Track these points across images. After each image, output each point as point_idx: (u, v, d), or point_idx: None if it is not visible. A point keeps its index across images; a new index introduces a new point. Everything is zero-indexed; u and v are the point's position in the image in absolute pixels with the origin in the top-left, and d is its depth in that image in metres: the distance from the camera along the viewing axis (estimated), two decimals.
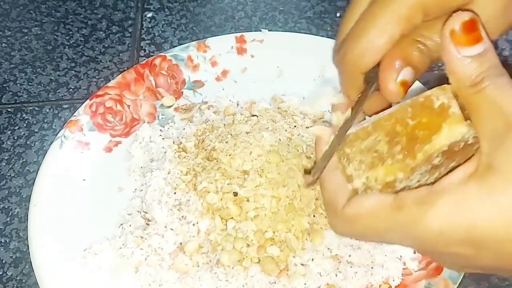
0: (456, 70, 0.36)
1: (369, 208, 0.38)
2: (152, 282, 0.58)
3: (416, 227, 0.36)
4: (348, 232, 0.41)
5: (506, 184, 0.33)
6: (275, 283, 0.56)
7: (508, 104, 0.34)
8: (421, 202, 0.36)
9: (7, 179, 0.70)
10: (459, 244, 0.35)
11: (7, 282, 0.62)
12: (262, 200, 0.59)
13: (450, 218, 0.35)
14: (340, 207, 0.40)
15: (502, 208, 0.33)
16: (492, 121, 0.34)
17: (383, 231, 0.38)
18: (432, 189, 0.36)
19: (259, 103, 0.70)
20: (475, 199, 0.34)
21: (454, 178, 0.36)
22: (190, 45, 0.75)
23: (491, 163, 0.34)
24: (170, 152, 0.65)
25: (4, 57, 0.82)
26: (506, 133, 0.34)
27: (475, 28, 0.35)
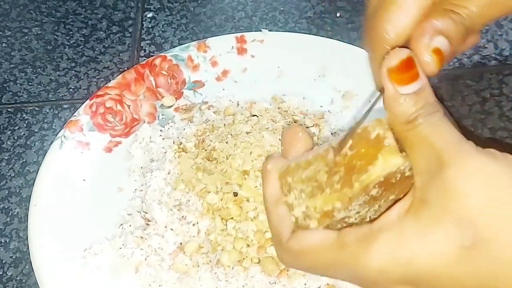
0: (392, 107, 0.36)
1: (312, 245, 0.38)
2: (152, 282, 0.58)
3: (357, 266, 0.36)
4: (293, 264, 0.42)
5: (436, 220, 0.34)
6: (275, 283, 0.56)
7: (440, 141, 0.34)
8: (361, 241, 0.36)
9: (7, 179, 0.70)
10: (398, 283, 0.36)
11: (7, 282, 0.62)
12: (262, 200, 0.59)
13: (388, 257, 0.35)
14: (284, 239, 0.40)
15: (433, 244, 0.34)
16: (424, 157, 0.35)
17: (327, 268, 0.39)
18: (372, 228, 0.36)
19: (259, 103, 0.70)
20: (410, 237, 0.35)
21: (391, 215, 0.36)
22: (190, 45, 0.75)
23: (424, 198, 0.35)
24: (170, 152, 0.65)
25: (4, 57, 0.82)
26: (437, 169, 0.34)
27: (412, 65, 0.36)
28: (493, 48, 0.77)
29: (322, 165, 0.39)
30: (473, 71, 0.75)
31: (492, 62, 0.76)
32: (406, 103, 0.36)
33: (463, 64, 0.76)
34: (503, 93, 0.73)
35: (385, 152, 0.37)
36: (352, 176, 0.37)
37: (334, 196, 0.38)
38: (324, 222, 0.39)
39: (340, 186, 0.38)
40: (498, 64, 0.76)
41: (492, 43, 0.78)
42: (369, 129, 0.37)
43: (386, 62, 0.36)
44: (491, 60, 0.76)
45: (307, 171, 0.40)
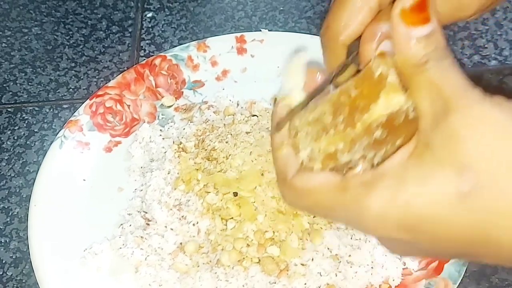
0: (403, 49, 0.36)
1: (317, 185, 0.39)
2: (152, 282, 0.58)
3: (358, 208, 0.36)
4: (295, 203, 0.42)
5: (438, 165, 0.34)
6: (275, 283, 0.56)
7: (448, 87, 0.34)
8: (364, 185, 0.36)
9: (7, 179, 0.70)
10: (396, 229, 0.36)
11: (7, 282, 0.62)
12: (262, 200, 0.59)
13: (388, 200, 0.35)
14: (289, 176, 0.40)
15: (432, 188, 0.34)
16: (431, 102, 0.35)
17: (328, 209, 0.39)
18: (375, 172, 0.36)
19: (259, 103, 0.70)
20: (410, 180, 0.35)
21: (395, 159, 0.36)
22: (190, 45, 0.75)
23: (427, 143, 0.35)
24: (170, 152, 0.65)
25: (4, 57, 0.82)
26: (442, 114, 0.34)
27: (425, 8, 0.35)
28: (493, 48, 0.77)
29: (328, 107, 0.39)
30: (473, 71, 0.75)
31: (492, 62, 0.76)
32: (417, 46, 0.35)
33: (463, 63, 0.76)
34: (503, 93, 0.73)
35: (387, 90, 0.36)
36: (355, 116, 0.37)
37: (337, 137, 0.38)
38: (328, 165, 0.39)
39: (344, 127, 0.38)
40: (498, 64, 0.76)
41: (492, 43, 0.78)
42: (372, 68, 0.37)
43: (398, 3, 0.35)
44: (491, 60, 0.76)
45: (313, 113, 0.40)
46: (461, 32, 0.79)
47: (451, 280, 0.56)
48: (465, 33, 0.79)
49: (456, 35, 0.79)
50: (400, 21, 0.35)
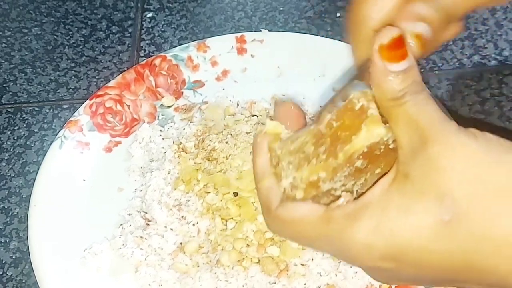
0: (380, 84, 0.37)
1: (301, 216, 0.39)
2: (152, 282, 0.58)
3: (342, 240, 0.37)
4: (280, 232, 0.43)
5: (418, 195, 0.35)
6: (275, 283, 0.56)
7: (424, 120, 0.35)
8: (348, 216, 0.37)
9: (7, 179, 0.70)
10: (380, 258, 0.36)
11: (7, 282, 0.62)
12: None
13: (371, 230, 0.36)
14: (273, 207, 0.41)
15: (414, 218, 0.35)
16: (409, 134, 0.36)
17: (313, 239, 0.40)
18: (358, 203, 0.37)
19: (259, 103, 0.70)
20: (392, 211, 0.35)
21: (375, 190, 0.37)
22: (190, 45, 0.75)
23: (407, 173, 0.36)
24: (170, 152, 0.65)
25: (4, 57, 0.82)
26: (420, 146, 0.35)
27: (402, 45, 0.36)
28: (493, 48, 0.77)
29: (310, 137, 0.40)
30: (473, 71, 0.75)
31: (492, 62, 0.76)
32: (394, 80, 0.36)
33: (463, 64, 0.76)
34: (503, 93, 0.73)
35: (368, 122, 0.37)
36: (337, 146, 0.38)
37: (319, 166, 0.39)
38: (310, 193, 0.40)
39: (326, 157, 0.38)
40: (498, 64, 0.76)
41: (492, 43, 0.78)
42: (354, 101, 0.38)
43: (377, 39, 0.36)
44: (491, 60, 0.76)
45: (295, 143, 0.40)
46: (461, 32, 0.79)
47: None
48: (465, 33, 0.79)
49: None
50: (378, 56, 0.36)
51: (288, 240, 0.51)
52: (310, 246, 0.42)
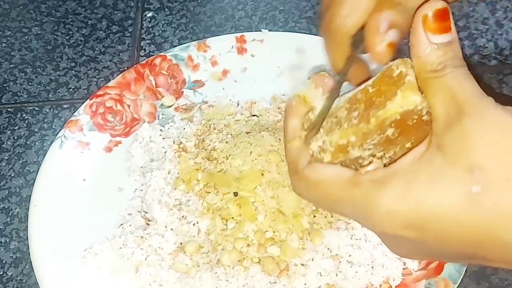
0: (421, 54, 0.37)
1: (328, 177, 0.40)
2: (152, 282, 0.58)
3: (366, 204, 0.37)
4: (305, 193, 0.43)
5: (449, 166, 0.35)
6: (275, 283, 0.56)
7: (462, 93, 0.36)
8: (375, 182, 0.37)
9: (7, 179, 0.70)
10: (403, 227, 0.37)
11: (7, 282, 0.62)
12: (262, 200, 0.59)
13: (397, 198, 0.36)
14: (300, 167, 0.41)
15: (443, 188, 0.35)
16: (446, 106, 0.36)
17: (336, 202, 0.40)
18: (387, 170, 0.38)
19: (259, 103, 0.70)
20: (420, 180, 0.36)
21: (406, 158, 0.38)
22: (190, 45, 0.75)
23: (440, 144, 0.36)
24: (170, 152, 0.65)
25: (4, 57, 0.81)
26: (456, 118, 0.35)
27: (447, 18, 0.37)
28: (493, 47, 0.77)
29: (344, 103, 0.40)
30: (473, 71, 0.75)
31: (492, 62, 0.76)
32: (435, 52, 0.37)
33: None
34: (503, 93, 0.73)
35: (404, 88, 0.38)
36: (370, 111, 0.38)
37: (350, 130, 0.39)
38: (337, 157, 0.40)
39: (357, 121, 0.39)
40: (498, 64, 0.76)
41: (492, 42, 0.78)
42: (392, 67, 0.39)
43: (422, 10, 0.37)
44: (491, 60, 0.76)
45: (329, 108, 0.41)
46: (461, 32, 0.79)
47: (451, 280, 0.56)
48: (465, 33, 0.79)
49: None
50: (421, 27, 0.37)
51: (311, 202, 0.51)
52: (332, 209, 0.43)
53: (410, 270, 0.58)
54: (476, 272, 0.60)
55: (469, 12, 0.81)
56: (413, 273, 0.57)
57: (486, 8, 0.82)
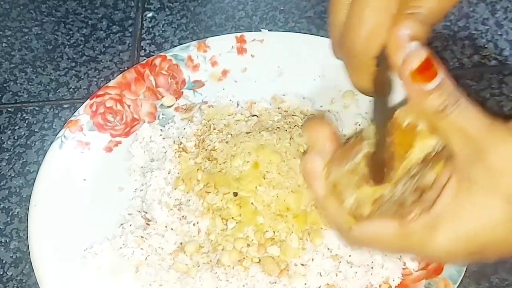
0: (421, 103, 0.39)
1: (376, 233, 0.43)
2: (152, 282, 0.58)
3: (426, 249, 0.41)
4: (358, 248, 0.48)
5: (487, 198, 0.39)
6: (275, 283, 0.56)
7: (473, 128, 0.38)
8: (425, 228, 0.41)
9: (7, 179, 0.70)
10: (465, 257, 0.41)
11: (7, 282, 0.62)
12: (262, 200, 0.59)
13: (452, 238, 0.40)
14: (345, 229, 0.44)
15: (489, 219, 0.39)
16: (462, 143, 0.39)
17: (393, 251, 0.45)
18: (431, 214, 0.41)
19: (259, 103, 0.70)
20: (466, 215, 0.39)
21: (445, 198, 0.41)
22: (190, 45, 0.75)
23: (470, 178, 0.39)
24: (171, 152, 0.65)
25: (4, 57, 0.82)
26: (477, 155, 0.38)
27: (430, 64, 0.38)
28: (493, 48, 0.77)
29: (361, 159, 0.42)
30: (473, 71, 0.75)
31: (492, 62, 0.76)
32: (432, 97, 0.38)
33: (463, 64, 0.76)
34: (503, 93, 0.73)
35: (420, 137, 0.40)
36: (394, 164, 0.41)
37: (382, 185, 0.41)
38: (375, 208, 0.42)
39: None
40: (498, 64, 0.76)
41: (492, 43, 0.78)
42: (399, 120, 0.41)
43: (406, 66, 0.38)
44: (491, 60, 0.76)
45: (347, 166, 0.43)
46: (461, 32, 0.79)
47: (451, 280, 0.56)
48: (465, 33, 0.79)
49: (456, 35, 0.79)
50: (410, 81, 0.38)
51: None
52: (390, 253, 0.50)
53: (410, 270, 0.58)
54: (476, 272, 0.60)
55: (469, 12, 0.81)
56: (413, 273, 0.57)
57: (486, 8, 0.82)
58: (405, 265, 0.58)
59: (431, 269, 0.57)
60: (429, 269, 0.57)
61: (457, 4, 0.43)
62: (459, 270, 0.56)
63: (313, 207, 0.59)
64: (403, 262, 0.58)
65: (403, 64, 0.38)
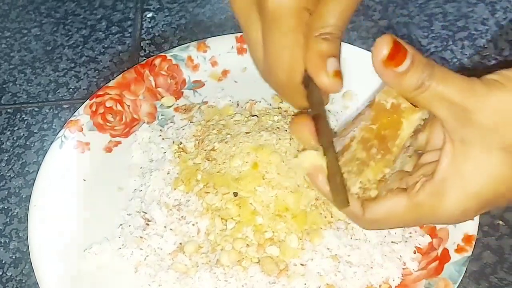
0: (399, 85, 0.41)
1: (388, 212, 0.45)
2: (151, 282, 0.58)
3: (440, 215, 0.43)
4: (376, 229, 0.50)
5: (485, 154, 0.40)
6: (274, 283, 0.56)
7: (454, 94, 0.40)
8: (433, 195, 0.43)
9: (6, 180, 0.70)
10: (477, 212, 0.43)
11: (7, 282, 0.62)
12: (261, 201, 0.59)
13: (462, 199, 0.42)
14: (359, 214, 0.46)
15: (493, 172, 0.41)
16: (447, 109, 0.40)
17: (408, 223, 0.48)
18: (435, 181, 0.43)
19: (259, 103, 0.70)
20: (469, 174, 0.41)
21: (444, 163, 0.42)
22: (190, 45, 0.75)
23: (464, 139, 0.41)
24: (170, 152, 0.65)
25: (3, 58, 0.82)
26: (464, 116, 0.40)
27: (399, 47, 0.40)
28: (493, 48, 0.78)
29: (356, 146, 0.44)
30: (473, 71, 0.75)
31: (492, 62, 0.76)
32: (408, 76, 0.40)
33: (463, 64, 0.76)
34: None
35: (406, 114, 0.42)
36: (387, 143, 0.43)
37: (381, 165, 0.44)
38: (380, 187, 0.45)
39: (381, 156, 0.44)
40: (498, 64, 0.76)
41: (492, 43, 0.78)
42: (382, 102, 0.43)
43: (377, 56, 0.40)
44: (491, 60, 0.76)
45: (344, 156, 0.45)
46: (461, 32, 0.79)
47: (451, 280, 0.55)
48: (465, 33, 0.79)
49: (456, 35, 0.79)
50: (384, 69, 0.40)
51: None
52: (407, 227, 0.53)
53: (410, 270, 0.58)
54: (476, 272, 0.60)
55: (469, 12, 0.81)
56: (413, 273, 0.57)
57: (485, 8, 0.82)
58: (405, 265, 0.58)
59: (431, 269, 0.57)
60: (429, 269, 0.57)
61: (354, 12, 0.44)
62: (459, 270, 0.56)
63: (312, 207, 0.59)
64: (403, 262, 0.58)
65: (374, 55, 0.40)
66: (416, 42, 0.79)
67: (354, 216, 0.47)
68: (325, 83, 0.42)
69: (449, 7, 0.83)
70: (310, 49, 0.42)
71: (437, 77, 0.40)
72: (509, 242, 0.61)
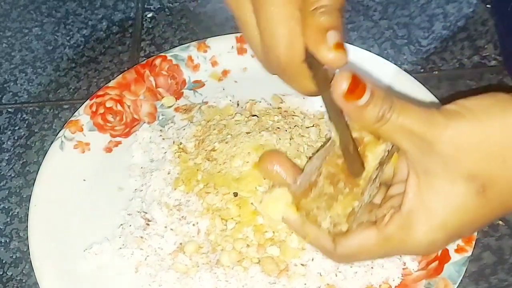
0: (360, 118, 0.41)
1: (358, 246, 0.45)
2: (152, 282, 0.58)
3: (409, 248, 0.44)
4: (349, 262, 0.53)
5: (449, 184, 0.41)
6: (275, 283, 0.56)
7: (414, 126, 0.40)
8: (401, 228, 0.43)
9: (7, 179, 0.70)
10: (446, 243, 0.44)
11: (7, 282, 0.62)
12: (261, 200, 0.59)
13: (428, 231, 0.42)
14: (331, 250, 0.46)
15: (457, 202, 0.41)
16: (409, 140, 0.41)
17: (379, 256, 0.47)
18: (402, 214, 0.43)
19: (259, 103, 0.70)
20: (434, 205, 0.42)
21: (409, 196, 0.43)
22: (191, 45, 0.75)
23: (427, 170, 0.42)
24: (170, 153, 0.65)
25: (4, 57, 0.82)
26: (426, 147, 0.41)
27: (359, 81, 0.40)
28: (493, 48, 0.77)
29: (323, 181, 0.45)
30: (473, 71, 0.75)
31: (492, 62, 0.76)
32: (369, 109, 0.40)
33: (463, 64, 0.76)
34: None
35: (369, 147, 0.44)
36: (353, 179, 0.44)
37: (349, 199, 0.44)
38: (350, 221, 0.45)
39: (349, 189, 0.44)
40: (498, 64, 0.76)
41: (492, 43, 0.78)
42: None
43: (336, 89, 0.40)
44: (491, 60, 0.76)
45: (313, 191, 0.45)
46: (461, 32, 0.79)
47: (451, 280, 0.56)
48: (465, 33, 0.79)
49: (456, 36, 0.79)
50: (344, 101, 0.40)
51: None
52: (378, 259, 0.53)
53: (410, 270, 0.58)
54: (476, 272, 0.60)
55: (469, 13, 0.81)
56: (413, 273, 0.57)
57: (485, 9, 0.82)
58: (405, 265, 0.58)
59: (431, 269, 0.57)
60: (429, 269, 0.57)
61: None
62: (459, 270, 0.56)
63: None
64: (403, 262, 0.58)
65: (334, 89, 0.40)
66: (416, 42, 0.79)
67: (326, 252, 0.47)
68: (327, 57, 0.40)
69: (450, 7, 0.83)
70: (307, 24, 0.41)
71: (397, 109, 0.40)
72: (509, 243, 0.61)
